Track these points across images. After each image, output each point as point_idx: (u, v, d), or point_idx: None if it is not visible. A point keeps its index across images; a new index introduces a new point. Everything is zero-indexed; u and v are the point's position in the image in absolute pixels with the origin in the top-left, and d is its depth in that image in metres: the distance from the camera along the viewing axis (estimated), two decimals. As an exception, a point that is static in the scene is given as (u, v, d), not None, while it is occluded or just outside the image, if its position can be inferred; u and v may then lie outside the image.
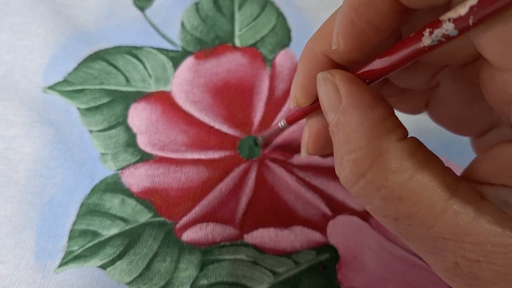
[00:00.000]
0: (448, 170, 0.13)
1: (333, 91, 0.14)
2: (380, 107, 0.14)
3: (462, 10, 0.10)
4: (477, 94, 0.13)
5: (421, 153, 0.13)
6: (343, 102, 0.14)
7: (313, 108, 0.18)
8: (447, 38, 0.11)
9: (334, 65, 0.16)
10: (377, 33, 0.13)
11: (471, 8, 0.10)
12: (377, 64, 0.14)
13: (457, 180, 0.13)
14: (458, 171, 0.14)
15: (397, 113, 0.21)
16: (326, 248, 0.26)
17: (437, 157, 0.14)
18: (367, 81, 0.15)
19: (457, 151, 0.29)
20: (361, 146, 0.13)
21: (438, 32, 0.11)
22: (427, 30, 0.12)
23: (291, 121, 0.21)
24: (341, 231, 0.27)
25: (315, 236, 0.27)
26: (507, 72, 0.11)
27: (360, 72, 0.15)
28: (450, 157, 0.30)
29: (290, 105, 0.19)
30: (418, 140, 0.14)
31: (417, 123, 0.29)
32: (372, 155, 0.13)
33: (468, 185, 0.13)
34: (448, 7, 0.11)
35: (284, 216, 0.27)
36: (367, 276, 0.26)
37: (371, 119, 0.13)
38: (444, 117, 0.18)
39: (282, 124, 0.22)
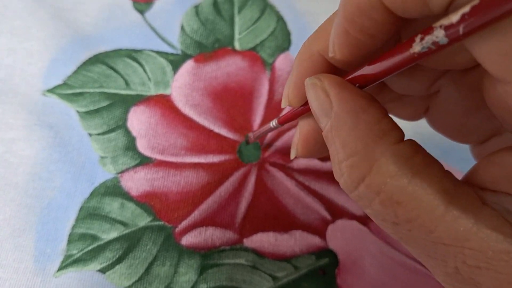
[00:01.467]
0: (448, 174, 0.13)
1: (323, 96, 0.14)
2: (373, 109, 0.13)
3: (454, 18, 0.10)
4: (479, 102, 0.13)
5: (419, 156, 0.13)
6: (335, 107, 0.14)
7: (305, 110, 0.17)
8: (438, 46, 0.11)
9: (329, 65, 0.16)
10: (372, 41, 0.13)
11: (463, 16, 0.10)
12: (368, 69, 0.14)
13: (457, 184, 0.13)
14: (458, 177, 0.14)
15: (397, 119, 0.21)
16: (326, 252, 0.26)
17: (436, 160, 0.13)
18: (357, 85, 0.14)
19: (457, 157, 0.29)
20: (357, 150, 0.13)
21: (428, 39, 0.11)
22: (419, 36, 0.11)
23: (282, 121, 0.20)
24: (340, 236, 0.27)
25: (315, 240, 0.27)
26: (506, 83, 0.11)
27: (350, 77, 0.15)
28: (450, 163, 0.30)
29: (282, 104, 0.18)
30: (416, 142, 0.14)
31: (416, 128, 0.29)
32: (369, 160, 0.13)
33: (469, 190, 0.13)
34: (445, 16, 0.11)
35: (283, 221, 0.27)
36: (366, 281, 0.26)
37: (364, 122, 0.13)
38: (443, 124, 0.18)
39: (274, 124, 0.22)
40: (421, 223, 0.12)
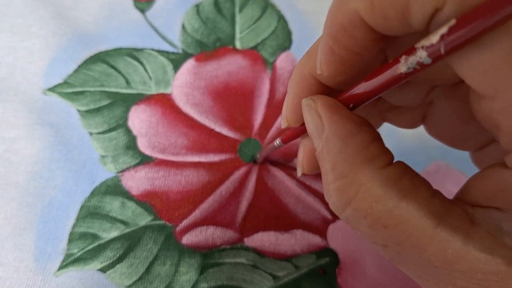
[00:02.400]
0: (436, 194, 0.13)
1: (316, 118, 0.14)
2: (363, 134, 0.14)
3: (433, 38, 0.10)
4: (471, 113, 0.13)
5: (406, 179, 0.13)
6: (325, 130, 0.14)
7: (305, 129, 0.18)
8: (422, 65, 0.11)
9: (322, 86, 0.16)
10: (357, 59, 0.13)
11: (442, 36, 0.10)
12: (359, 89, 0.14)
13: (446, 205, 0.13)
14: (459, 178, 0.14)
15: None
16: (326, 252, 0.26)
17: (425, 180, 0.13)
18: (351, 105, 0.14)
19: (458, 156, 0.29)
20: (345, 174, 0.13)
21: (412, 60, 0.11)
22: (403, 57, 0.11)
23: (285, 140, 0.21)
24: (341, 235, 0.27)
25: (315, 240, 0.27)
26: (489, 99, 0.11)
27: (342, 97, 0.15)
28: (451, 163, 0.30)
29: (281, 125, 0.18)
30: (404, 164, 0.14)
31: (417, 129, 0.29)
32: (356, 183, 0.13)
33: (458, 210, 0.13)
34: (427, 33, 0.11)
35: (284, 220, 0.27)
36: (367, 281, 0.26)
37: (352, 147, 0.13)
38: (440, 132, 0.18)
39: (278, 143, 0.22)
40: (409, 246, 0.12)
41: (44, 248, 0.25)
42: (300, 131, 0.18)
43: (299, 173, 0.19)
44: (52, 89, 0.29)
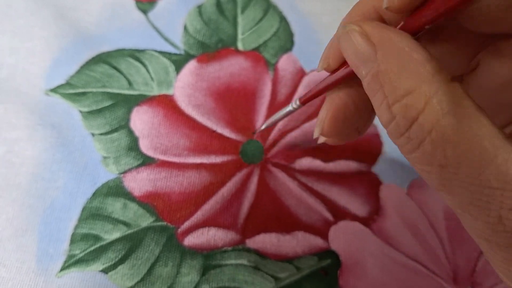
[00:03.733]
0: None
1: (364, 41, 0.14)
2: (421, 49, 0.13)
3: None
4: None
5: (471, 98, 0.13)
6: (381, 49, 0.14)
7: (333, 84, 0.17)
8: None
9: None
10: None
11: None
12: (412, 20, 0.14)
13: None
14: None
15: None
16: (328, 253, 0.26)
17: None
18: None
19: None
20: (411, 90, 0.13)
21: None
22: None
23: (306, 100, 0.19)
24: (342, 237, 0.27)
25: (317, 241, 0.27)
26: None
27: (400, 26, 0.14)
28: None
29: (318, 68, 0.18)
30: (463, 85, 0.13)
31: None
32: (424, 97, 0.13)
33: None
34: None
35: (286, 221, 0.27)
36: (369, 282, 0.26)
37: (415, 62, 0.13)
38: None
39: (295, 105, 0.20)
40: (469, 164, 0.12)
41: (46, 249, 0.25)
42: (325, 88, 0.17)
43: (316, 133, 0.18)
44: (54, 90, 0.29)
